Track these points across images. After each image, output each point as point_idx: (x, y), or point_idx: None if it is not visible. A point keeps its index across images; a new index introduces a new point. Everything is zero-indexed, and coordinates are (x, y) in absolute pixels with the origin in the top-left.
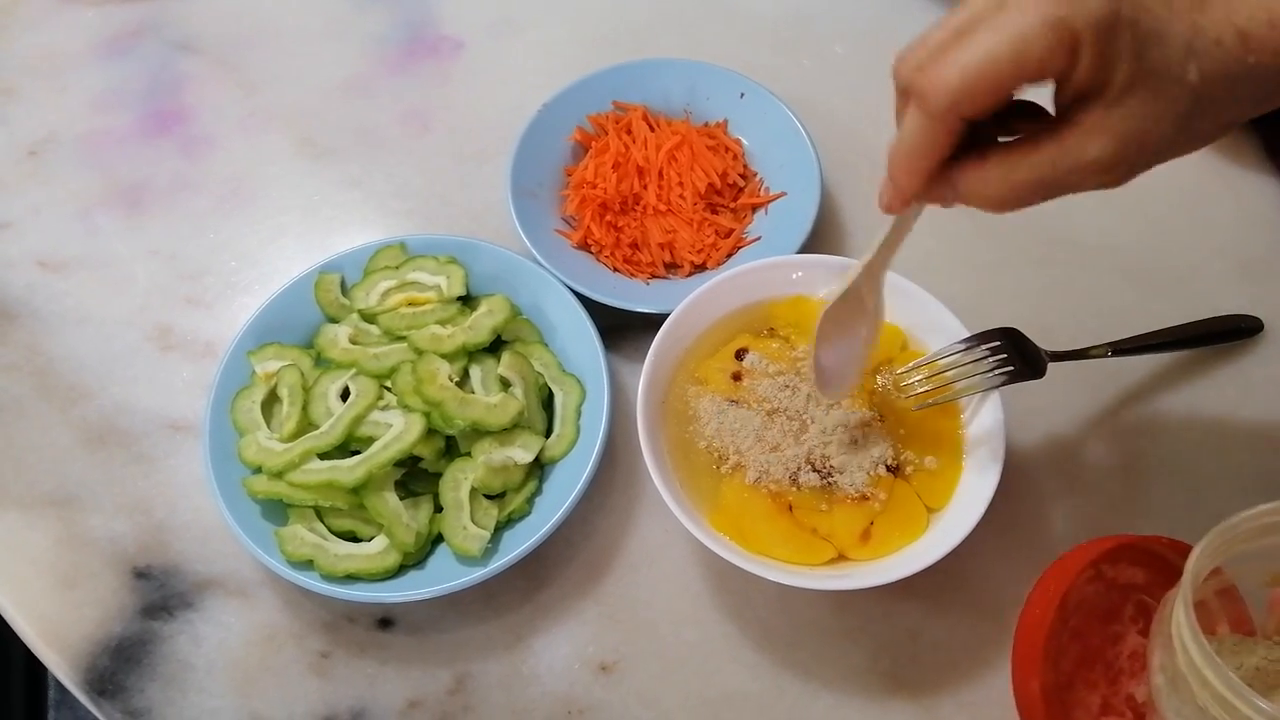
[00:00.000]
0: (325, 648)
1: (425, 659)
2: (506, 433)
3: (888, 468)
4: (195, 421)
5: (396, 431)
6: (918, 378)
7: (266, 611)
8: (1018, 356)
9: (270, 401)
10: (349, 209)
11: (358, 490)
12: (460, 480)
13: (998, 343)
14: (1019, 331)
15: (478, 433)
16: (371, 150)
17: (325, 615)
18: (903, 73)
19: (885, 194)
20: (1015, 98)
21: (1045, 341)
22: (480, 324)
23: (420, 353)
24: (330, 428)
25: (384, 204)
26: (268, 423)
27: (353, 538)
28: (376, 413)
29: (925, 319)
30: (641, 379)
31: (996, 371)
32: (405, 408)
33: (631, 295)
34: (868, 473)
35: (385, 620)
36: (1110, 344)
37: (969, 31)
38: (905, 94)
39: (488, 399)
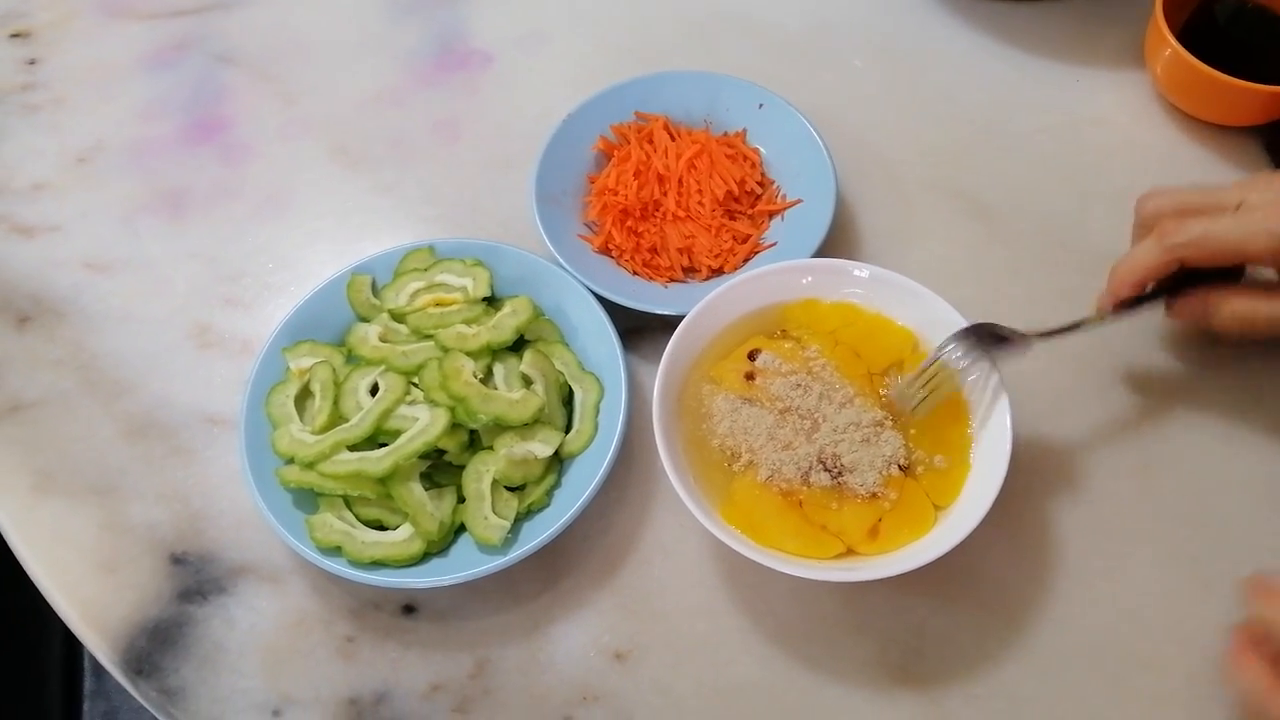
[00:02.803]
0: (352, 632)
1: (447, 644)
2: (527, 428)
3: (899, 467)
4: (231, 416)
5: (422, 425)
6: (911, 389)
7: (296, 597)
8: (994, 339)
9: (303, 396)
10: (381, 214)
11: (385, 480)
12: (482, 472)
13: (973, 336)
14: (994, 324)
15: (500, 427)
16: (403, 158)
17: (352, 602)
18: (1148, 209)
19: (1103, 299)
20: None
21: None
22: (504, 324)
23: (446, 350)
24: (360, 421)
25: (414, 210)
26: (300, 416)
27: (379, 526)
28: (404, 407)
29: (935, 320)
30: (657, 378)
31: (972, 357)
32: (431, 402)
33: (650, 298)
34: (880, 472)
35: (409, 607)
36: (1099, 312)
37: (1217, 210)
38: (1147, 226)
39: (510, 395)
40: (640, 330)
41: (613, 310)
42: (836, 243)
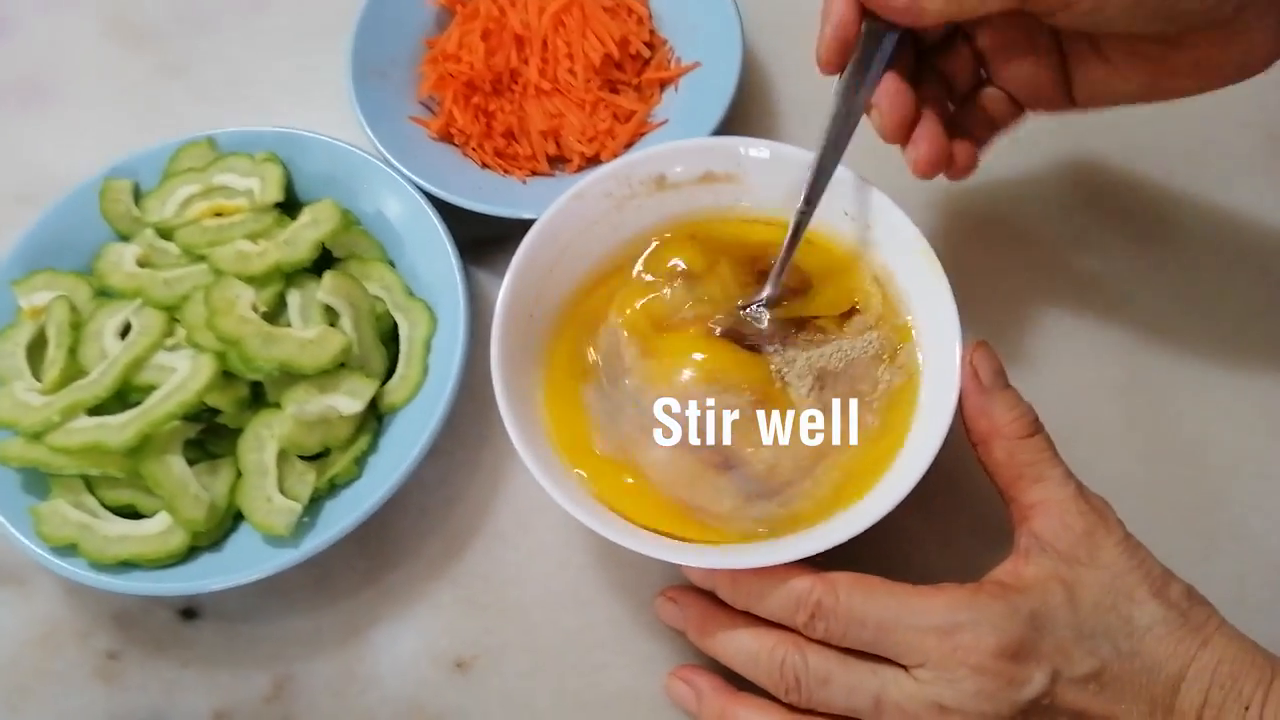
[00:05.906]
0: (114, 646)
1: (238, 658)
2: (327, 376)
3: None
4: None
5: (180, 378)
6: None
7: (45, 603)
8: None
9: (40, 344)
10: (168, 103)
11: (132, 454)
12: (264, 438)
13: None
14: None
15: (290, 377)
16: (197, 30)
17: (116, 605)
18: None
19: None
20: None
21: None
22: (300, 237)
23: (221, 275)
24: (101, 375)
25: (210, 95)
26: (35, 371)
27: (134, 514)
28: (163, 354)
29: (866, 211)
30: (499, 299)
31: None
32: (196, 346)
33: (505, 197)
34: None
35: (189, 611)
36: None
37: None
38: None
39: (302, 334)
40: (496, 240)
41: (454, 215)
42: (744, 118)
